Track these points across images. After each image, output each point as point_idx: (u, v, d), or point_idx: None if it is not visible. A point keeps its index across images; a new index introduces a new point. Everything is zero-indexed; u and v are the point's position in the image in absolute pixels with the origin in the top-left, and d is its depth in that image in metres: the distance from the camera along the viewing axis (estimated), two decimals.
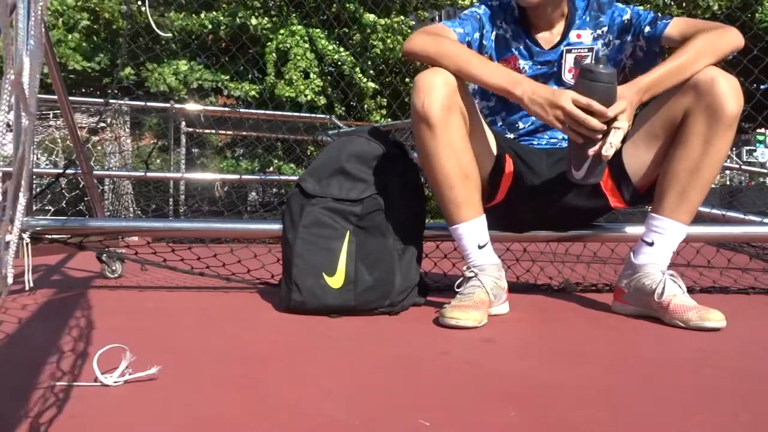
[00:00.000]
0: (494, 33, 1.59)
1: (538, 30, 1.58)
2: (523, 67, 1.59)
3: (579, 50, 1.57)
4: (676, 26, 1.46)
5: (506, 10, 1.61)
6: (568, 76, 1.58)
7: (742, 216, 2.33)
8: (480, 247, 1.45)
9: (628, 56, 1.57)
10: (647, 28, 1.50)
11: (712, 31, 1.39)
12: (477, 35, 1.56)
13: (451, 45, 1.44)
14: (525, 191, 1.58)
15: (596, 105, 1.28)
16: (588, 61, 1.57)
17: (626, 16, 1.54)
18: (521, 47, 1.59)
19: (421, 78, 1.40)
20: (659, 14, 1.54)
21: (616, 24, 1.55)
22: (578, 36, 1.57)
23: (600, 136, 1.32)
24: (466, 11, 1.61)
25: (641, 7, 1.63)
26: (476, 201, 1.45)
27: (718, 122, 1.34)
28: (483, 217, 1.47)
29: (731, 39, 1.39)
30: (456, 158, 1.40)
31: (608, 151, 1.30)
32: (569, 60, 1.58)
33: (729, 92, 1.33)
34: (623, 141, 1.38)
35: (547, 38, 1.58)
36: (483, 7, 1.61)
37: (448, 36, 1.49)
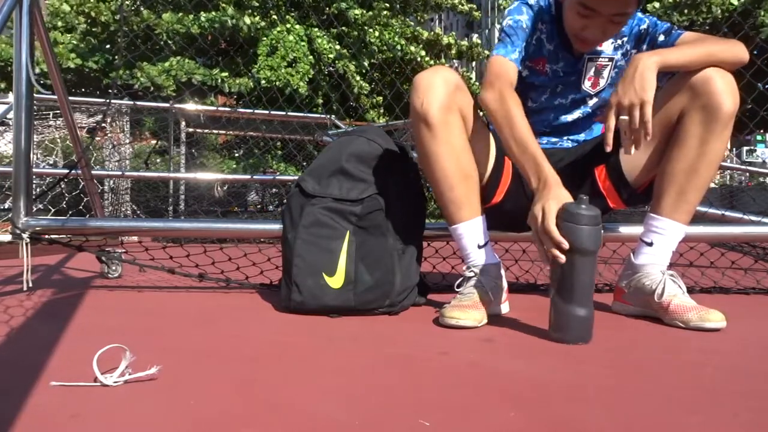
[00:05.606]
0: (534, 37, 1.56)
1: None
2: (548, 71, 1.58)
3: (600, 59, 1.56)
4: (689, 37, 1.46)
5: (544, 9, 1.56)
6: (587, 84, 1.58)
7: (751, 217, 2.33)
8: (480, 247, 1.45)
9: None
10: (661, 37, 1.51)
11: (722, 41, 1.40)
12: (525, 44, 1.52)
13: (509, 115, 1.37)
14: (523, 192, 1.58)
15: (562, 245, 1.18)
16: (606, 72, 1.56)
17: (643, 26, 1.54)
18: (552, 48, 1.56)
19: (420, 78, 1.39)
20: (675, 26, 1.53)
21: (634, 33, 1.55)
22: (600, 44, 1.56)
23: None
24: (509, 21, 1.52)
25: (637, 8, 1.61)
26: (475, 201, 1.45)
27: (715, 121, 1.33)
28: (482, 217, 1.47)
29: (738, 51, 1.39)
30: (455, 158, 1.40)
31: (629, 151, 1.32)
32: (590, 68, 1.57)
33: (725, 91, 1.32)
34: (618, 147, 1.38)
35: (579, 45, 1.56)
36: (524, 8, 1.54)
37: (509, 86, 1.43)
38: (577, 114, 1.61)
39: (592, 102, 1.61)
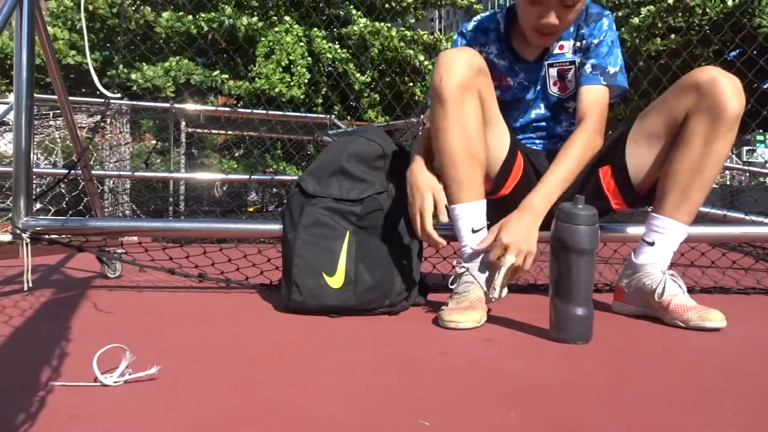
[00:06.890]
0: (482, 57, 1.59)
1: (520, 41, 1.58)
2: (511, 83, 1.61)
3: (561, 64, 1.57)
4: (591, 92, 1.49)
5: (487, 30, 1.61)
6: (554, 89, 1.59)
7: (752, 218, 2.32)
8: (474, 231, 1.43)
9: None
10: (588, 68, 1.51)
11: (589, 134, 1.44)
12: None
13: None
14: (528, 190, 1.58)
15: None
16: (570, 75, 1.56)
17: (595, 41, 1.53)
18: (506, 64, 1.60)
19: (443, 55, 1.40)
20: (608, 69, 1.51)
21: (587, 42, 1.54)
22: (561, 47, 1.56)
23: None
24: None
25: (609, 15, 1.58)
26: (478, 184, 1.43)
27: (720, 123, 1.33)
28: (483, 202, 1.44)
29: (595, 145, 1.46)
30: (465, 138, 1.39)
31: (493, 293, 1.33)
32: (552, 74, 1.58)
33: (731, 92, 1.32)
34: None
35: (530, 50, 1.58)
36: (459, 40, 1.63)
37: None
38: (564, 124, 1.64)
39: (570, 105, 1.61)
